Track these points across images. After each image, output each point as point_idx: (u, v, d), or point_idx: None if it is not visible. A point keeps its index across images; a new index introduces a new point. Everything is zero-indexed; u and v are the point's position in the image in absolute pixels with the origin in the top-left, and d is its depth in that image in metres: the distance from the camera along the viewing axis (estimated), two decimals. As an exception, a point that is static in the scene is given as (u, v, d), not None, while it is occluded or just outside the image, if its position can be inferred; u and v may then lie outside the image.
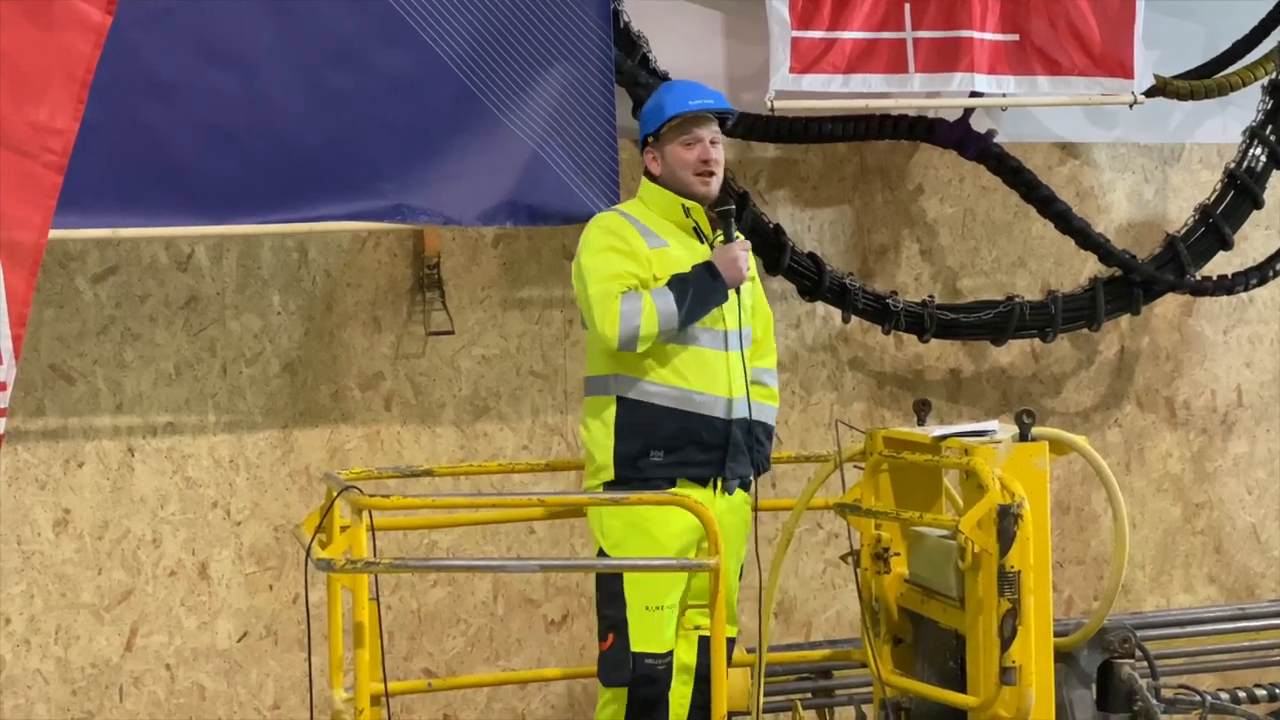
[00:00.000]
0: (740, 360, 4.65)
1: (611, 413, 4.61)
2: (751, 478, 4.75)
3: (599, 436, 4.63)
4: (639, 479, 4.56)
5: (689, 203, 4.65)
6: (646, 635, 4.54)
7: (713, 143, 4.67)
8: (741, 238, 4.71)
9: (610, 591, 4.59)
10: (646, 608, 4.53)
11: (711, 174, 4.66)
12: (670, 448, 4.57)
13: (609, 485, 4.61)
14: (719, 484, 4.62)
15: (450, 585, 5.87)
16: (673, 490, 4.51)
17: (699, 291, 4.52)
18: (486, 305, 5.91)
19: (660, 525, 4.52)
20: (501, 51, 5.39)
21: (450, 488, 5.74)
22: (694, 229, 4.68)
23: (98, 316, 5.47)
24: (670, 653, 4.59)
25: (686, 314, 4.51)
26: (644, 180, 4.75)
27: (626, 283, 4.53)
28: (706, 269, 4.56)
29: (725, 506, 4.62)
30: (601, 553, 4.66)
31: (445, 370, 5.87)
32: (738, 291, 4.63)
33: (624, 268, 4.54)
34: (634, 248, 4.57)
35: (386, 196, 5.32)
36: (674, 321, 4.50)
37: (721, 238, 4.67)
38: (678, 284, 4.52)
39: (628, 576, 4.55)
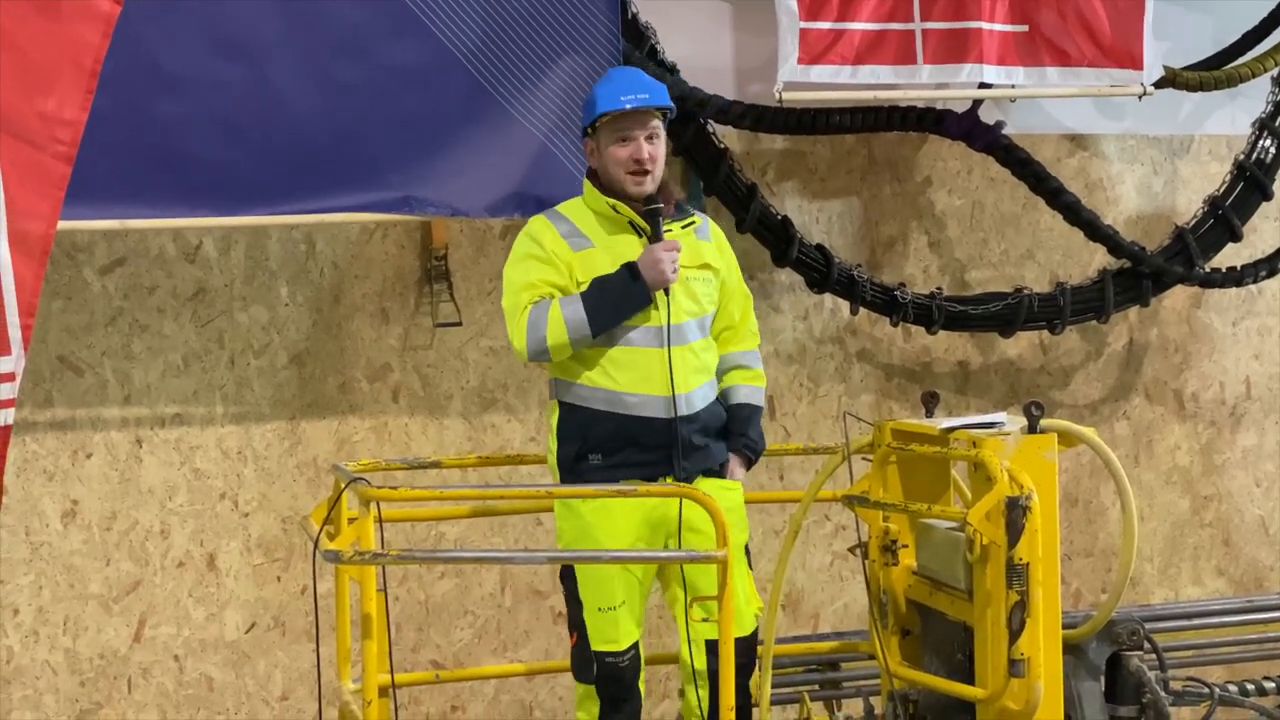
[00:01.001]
0: (687, 355, 4.52)
1: (555, 417, 4.58)
2: (720, 466, 4.61)
3: (548, 440, 4.61)
4: (579, 484, 4.50)
5: (613, 200, 4.52)
6: (602, 635, 4.50)
7: (650, 139, 4.51)
8: (683, 227, 4.58)
9: (570, 592, 4.57)
10: (599, 609, 4.49)
11: (646, 173, 4.50)
12: (607, 450, 4.49)
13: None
14: (669, 482, 4.49)
15: (458, 577, 5.88)
16: (681, 484, 4.47)
17: (614, 296, 4.42)
18: (494, 297, 5.90)
19: (604, 530, 4.46)
20: (509, 43, 5.38)
21: (458, 479, 5.72)
22: (631, 224, 4.53)
23: (106, 308, 5.47)
24: (631, 648, 4.53)
25: (599, 320, 4.42)
26: (586, 175, 4.66)
27: (539, 292, 4.46)
28: (629, 270, 4.44)
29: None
30: None
31: (453, 362, 5.87)
32: (667, 293, 4.47)
33: (538, 276, 4.47)
34: (551, 254, 4.49)
35: (394, 188, 5.32)
36: (585, 329, 4.41)
37: (689, 224, 4.60)
38: (593, 288, 4.43)
39: (581, 579, 4.50)
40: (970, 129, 6.21)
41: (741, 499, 4.68)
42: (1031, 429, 4.45)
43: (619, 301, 4.44)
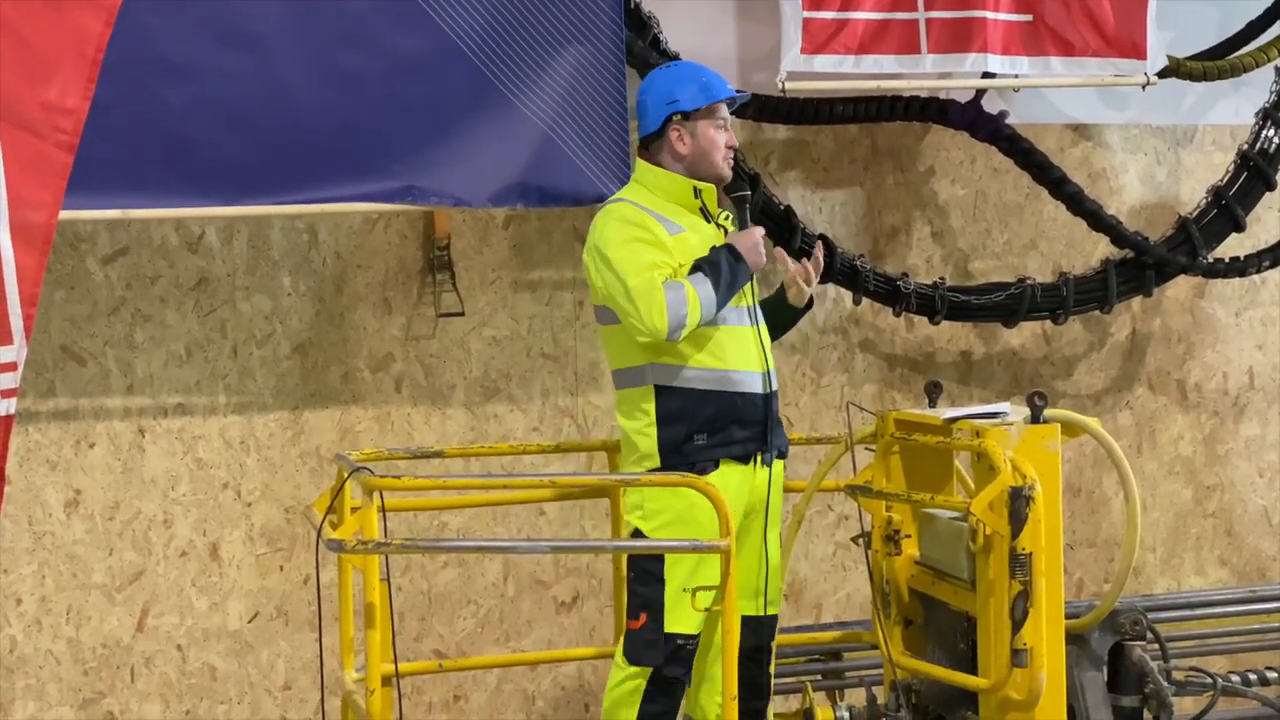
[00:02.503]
0: (764, 333, 4.69)
1: (652, 402, 4.57)
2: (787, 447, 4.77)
3: (641, 426, 4.58)
4: (685, 464, 4.53)
5: (700, 184, 4.63)
6: (682, 617, 4.50)
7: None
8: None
9: (646, 571, 4.53)
10: (684, 589, 4.47)
11: (731, 157, 4.72)
12: (713, 429, 4.53)
13: (654, 473, 4.58)
14: (759, 459, 4.59)
15: (460, 566, 5.88)
16: (686, 473, 4.48)
17: (730, 276, 4.52)
18: (497, 287, 5.90)
19: (706, 513, 4.44)
20: (513, 33, 5.38)
21: (461, 469, 5.75)
22: (700, 209, 4.66)
23: (108, 298, 5.47)
24: (697, 635, 4.55)
25: (721, 299, 4.51)
26: (642, 164, 4.69)
27: (664, 272, 4.49)
28: (730, 253, 4.55)
29: (775, 479, 4.63)
30: (638, 534, 4.59)
31: (455, 352, 5.87)
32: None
33: (656, 257, 4.50)
34: (659, 237, 4.53)
35: (397, 177, 5.31)
36: (713, 308, 4.49)
37: (727, 216, 4.68)
38: (709, 269, 4.50)
39: (669, 559, 4.50)
40: (973, 119, 6.20)
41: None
42: (1034, 419, 4.45)
43: (734, 280, 4.55)
